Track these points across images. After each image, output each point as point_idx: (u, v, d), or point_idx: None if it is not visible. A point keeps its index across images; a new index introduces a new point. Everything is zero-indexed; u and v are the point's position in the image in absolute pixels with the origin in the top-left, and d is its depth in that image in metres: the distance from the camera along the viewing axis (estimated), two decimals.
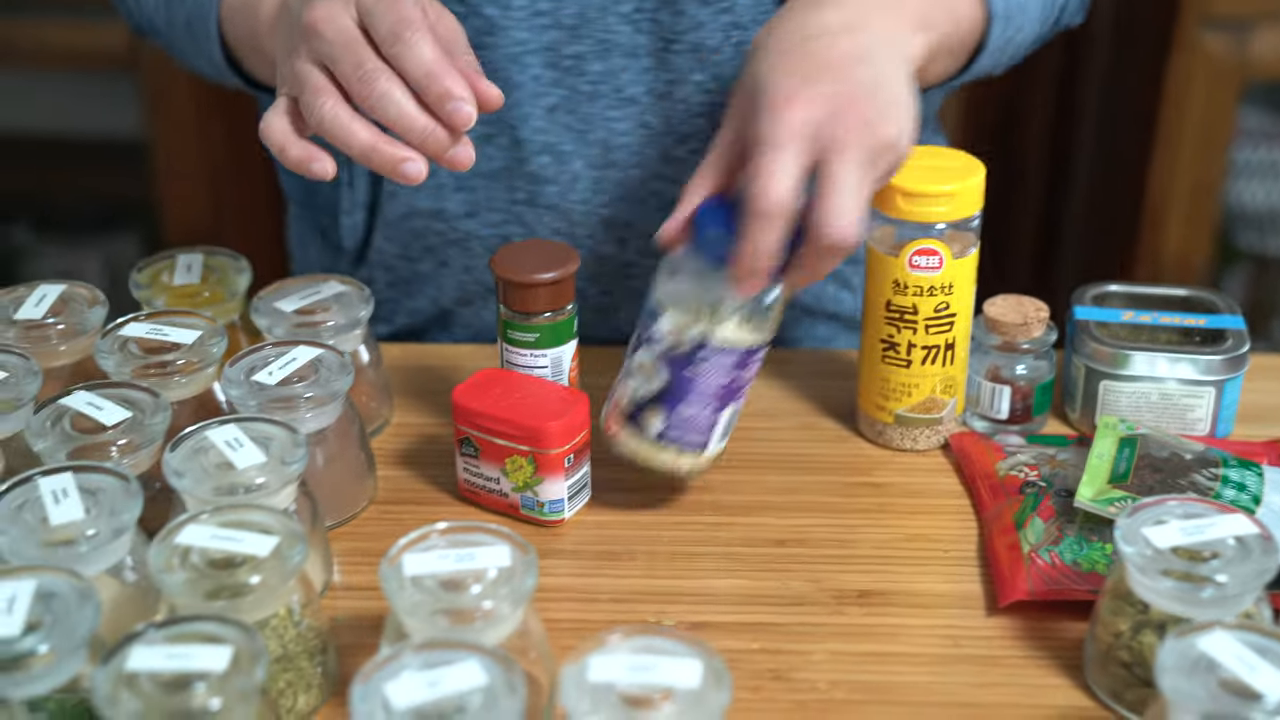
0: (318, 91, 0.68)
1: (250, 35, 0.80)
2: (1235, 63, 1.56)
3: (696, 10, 0.82)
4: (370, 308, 0.79)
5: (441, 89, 0.67)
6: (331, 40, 0.68)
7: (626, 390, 0.73)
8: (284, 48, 0.72)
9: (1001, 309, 0.81)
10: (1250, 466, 0.74)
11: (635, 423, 0.73)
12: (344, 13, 0.69)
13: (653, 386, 0.72)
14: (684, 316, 0.71)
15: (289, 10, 0.73)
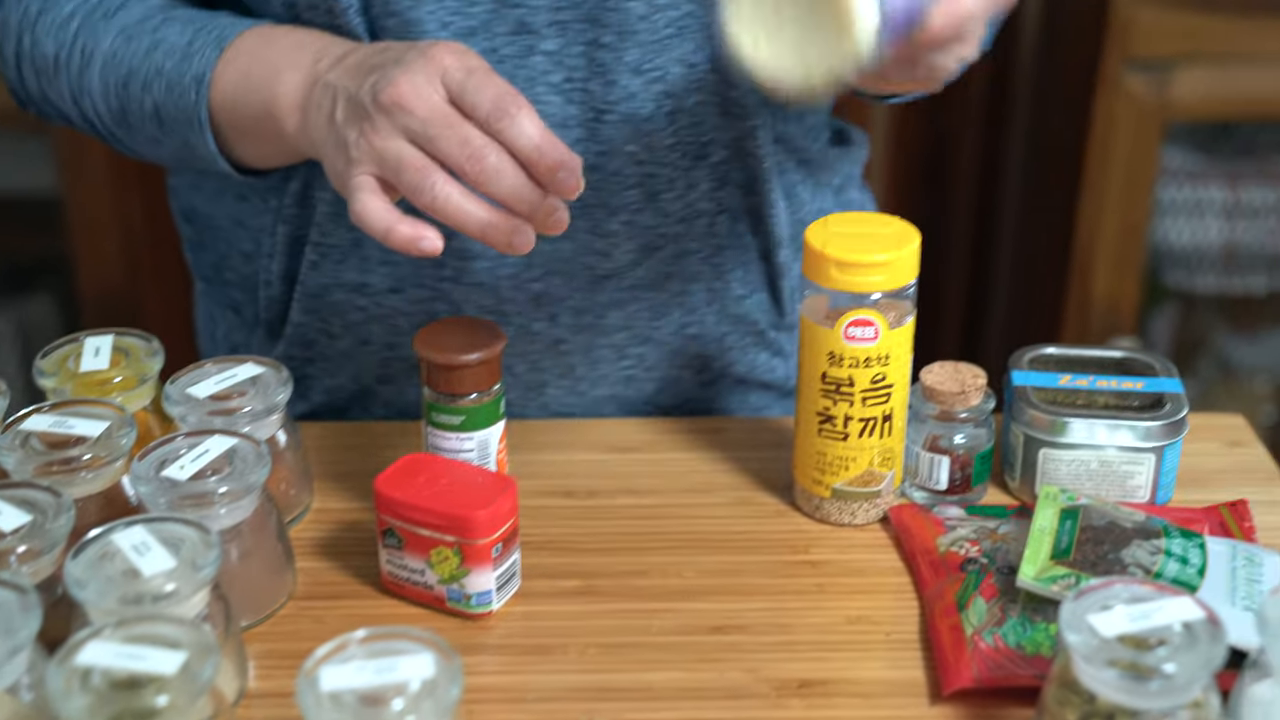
0: (424, 171, 0.68)
1: (262, 117, 0.77)
2: (1157, 104, 1.58)
3: (629, 80, 0.80)
4: (289, 390, 0.76)
5: (554, 160, 0.67)
6: (426, 117, 0.68)
7: None
8: (345, 125, 0.70)
9: (939, 377, 0.80)
10: (1192, 537, 0.73)
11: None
12: (430, 88, 0.68)
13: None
14: None
15: (335, 88, 0.72)
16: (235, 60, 0.78)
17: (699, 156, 0.84)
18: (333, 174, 0.72)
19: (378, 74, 0.70)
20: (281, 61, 0.76)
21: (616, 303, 0.87)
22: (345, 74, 0.73)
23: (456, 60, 0.70)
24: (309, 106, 0.74)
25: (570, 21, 0.79)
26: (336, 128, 0.71)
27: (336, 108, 0.72)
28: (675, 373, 0.91)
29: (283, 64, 0.76)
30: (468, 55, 0.71)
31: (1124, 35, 1.55)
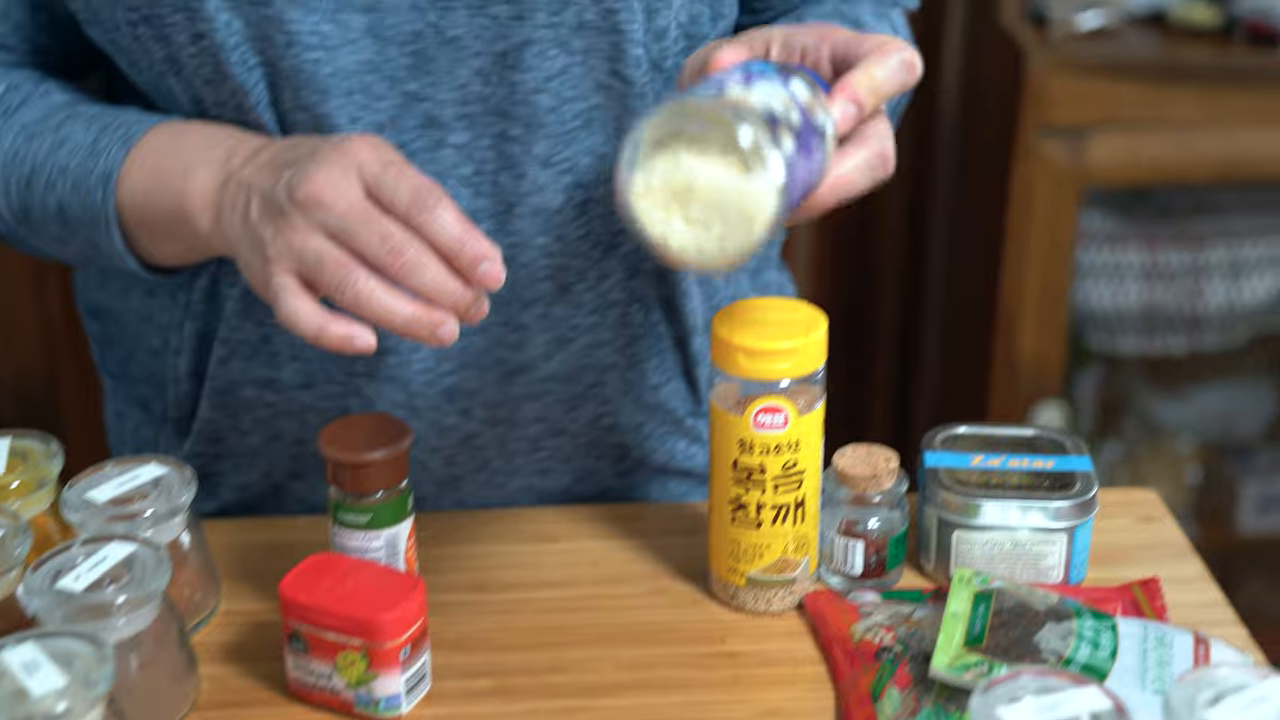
0: (346, 267, 0.67)
1: (173, 215, 0.76)
2: (1073, 170, 1.60)
3: (538, 173, 0.80)
4: (192, 491, 0.75)
5: (475, 252, 0.67)
6: (344, 213, 0.67)
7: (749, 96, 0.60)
8: (261, 223, 0.69)
9: (851, 461, 0.80)
10: (1104, 619, 0.73)
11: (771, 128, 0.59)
12: (347, 183, 0.68)
13: (790, 118, 0.61)
14: (808, 90, 0.64)
15: (249, 185, 0.71)
16: (144, 158, 0.77)
17: (611, 247, 0.84)
18: (249, 272, 0.72)
19: (292, 170, 0.70)
20: (192, 159, 0.76)
21: (530, 395, 0.86)
22: (259, 171, 0.72)
23: (372, 154, 0.69)
24: (222, 205, 0.73)
25: (478, 115, 0.79)
26: (252, 226, 0.70)
27: (251, 206, 0.71)
28: (592, 463, 0.90)
29: (194, 161, 0.76)
30: (383, 148, 0.70)
31: (1039, 104, 1.58)
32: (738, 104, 0.57)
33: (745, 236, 0.57)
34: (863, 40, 0.69)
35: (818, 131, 0.62)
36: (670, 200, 0.57)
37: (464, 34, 0.76)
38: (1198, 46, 1.58)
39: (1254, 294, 1.73)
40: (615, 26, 0.77)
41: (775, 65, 0.64)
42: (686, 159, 0.57)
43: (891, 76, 0.68)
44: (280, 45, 0.75)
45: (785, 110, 0.60)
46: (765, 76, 0.62)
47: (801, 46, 0.70)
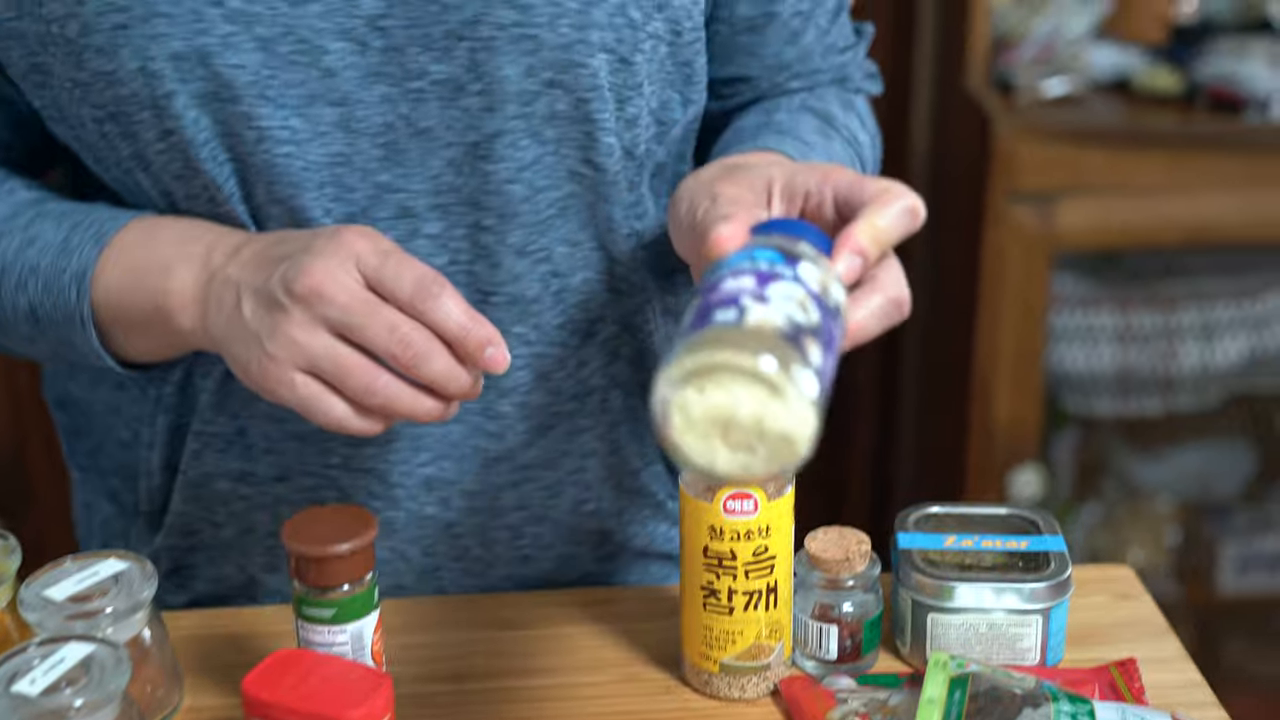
0: (370, 373, 0.68)
1: (151, 313, 0.75)
2: (1044, 234, 1.61)
3: (513, 262, 0.80)
4: (154, 586, 0.74)
5: (481, 338, 0.69)
6: (346, 305, 0.68)
7: (771, 312, 0.57)
8: (256, 319, 0.70)
9: (822, 544, 0.79)
10: (1080, 703, 0.72)
11: (796, 344, 0.57)
12: (346, 275, 0.69)
13: (809, 319, 0.58)
14: (819, 272, 0.62)
15: (238, 283, 0.71)
16: (118, 255, 0.76)
17: (588, 334, 0.84)
18: (243, 369, 0.71)
19: (286, 264, 0.70)
20: (170, 256, 0.75)
21: (510, 484, 0.85)
22: (246, 268, 0.72)
23: (369, 244, 0.70)
24: (208, 302, 0.73)
25: (451, 205, 0.78)
26: (245, 322, 0.70)
27: (243, 303, 0.71)
28: (573, 549, 0.89)
29: (172, 258, 0.75)
30: (378, 239, 0.71)
31: (1007, 170, 1.59)
32: (761, 330, 0.56)
33: (791, 454, 0.57)
34: (865, 185, 0.67)
35: (833, 311, 0.61)
36: (711, 432, 0.57)
37: (435, 125, 0.76)
38: (1161, 113, 1.60)
39: (1226, 355, 1.74)
40: (587, 116, 0.77)
41: (780, 252, 0.61)
42: (720, 394, 0.55)
43: (895, 224, 0.65)
44: (250, 141, 0.75)
45: (805, 313, 0.58)
46: (776, 275, 0.60)
47: (804, 190, 0.68)
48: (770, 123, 0.84)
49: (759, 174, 0.71)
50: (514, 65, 0.75)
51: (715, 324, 0.57)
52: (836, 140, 0.85)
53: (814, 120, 0.85)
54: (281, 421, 0.83)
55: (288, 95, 0.74)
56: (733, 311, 0.57)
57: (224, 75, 0.73)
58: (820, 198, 0.68)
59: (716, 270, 0.61)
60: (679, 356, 0.56)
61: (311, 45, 0.74)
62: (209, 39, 0.73)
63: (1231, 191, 1.59)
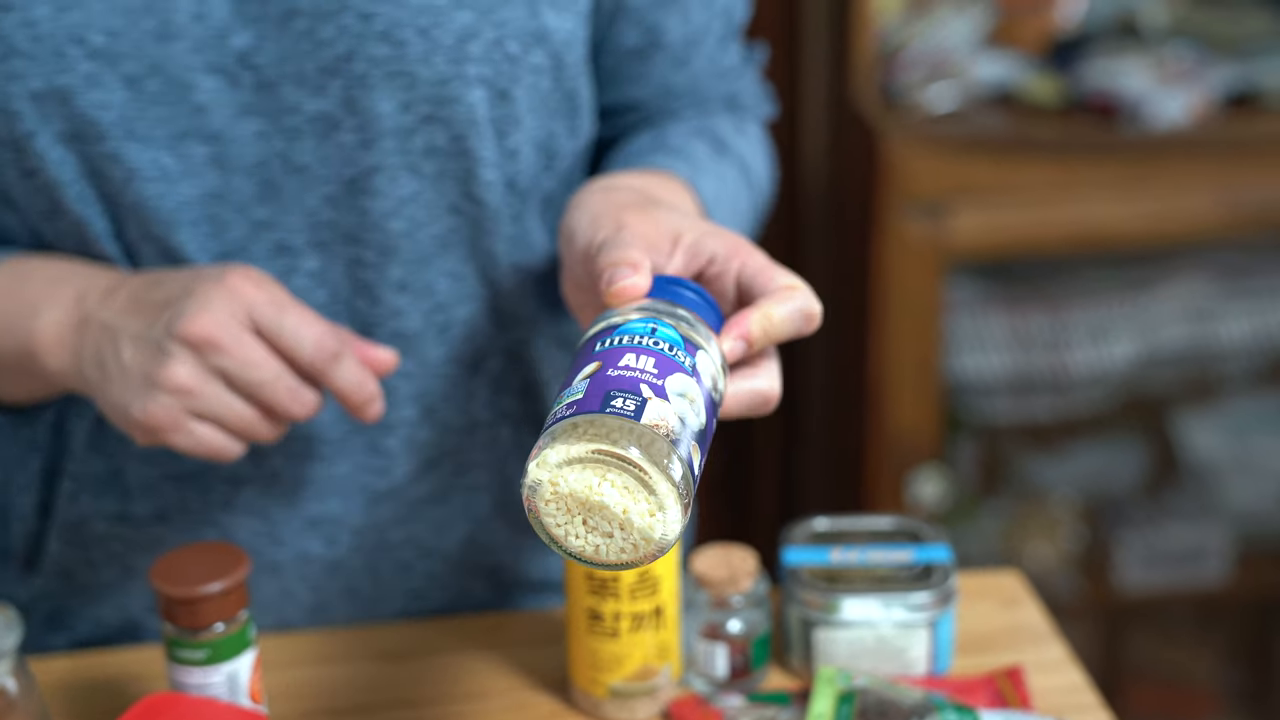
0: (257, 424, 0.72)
1: (20, 355, 0.74)
2: (935, 243, 1.63)
3: (394, 297, 0.79)
4: (17, 635, 0.71)
5: (366, 397, 0.74)
6: (245, 361, 0.70)
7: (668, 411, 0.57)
8: (136, 365, 0.70)
9: (708, 564, 0.79)
10: (966, 713, 0.73)
11: (682, 450, 0.57)
12: (238, 325, 0.69)
13: (697, 421, 0.59)
14: (712, 364, 0.61)
15: (114, 330, 0.71)
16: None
17: (474, 368, 0.82)
18: (119, 414, 0.71)
19: (170, 311, 0.69)
20: (38, 298, 0.74)
21: (398, 520, 0.84)
22: (123, 313, 0.71)
23: (261, 294, 0.70)
24: (81, 347, 0.72)
25: (330, 242, 0.77)
26: (125, 367, 0.70)
27: (121, 349, 0.70)
28: (466, 584, 0.87)
29: (40, 300, 0.74)
30: (268, 285, 0.71)
31: (897, 181, 1.60)
32: (654, 433, 0.56)
33: (646, 552, 0.57)
34: (772, 276, 0.65)
35: (716, 406, 0.61)
36: (575, 510, 0.57)
37: (311, 161, 0.75)
38: (1045, 121, 1.63)
39: (1116, 356, 1.77)
40: (465, 150, 0.76)
41: (683, 336, 0.61)
42: (597, 480, 0.56)
43: (788, 321, 0.64)
44: (118, 180, 0.73)
45: (694, 414, 0.58)
46: (676, 366, 0.59)
47: (710, 254, 0.66)
48: (662, 144, 0.83)
49: (668, 221, 0.68)
50: (389, 101, 0.74)
51: (611, 411, 0.56)
52: (728, 163, 0.84)
53: (705, 143, 0.84)
54: (158, 462, 0.81)
55: (156, 133, 0.73)
56: (631, 401, 0.56)
57: (88, 114, 0.72)
58: (724, 268, 0.66)
59: (616, 330, 0.61)
60: (567, 435, 0.56)
61: (180, 82, 0.72)
62: (70, 77, 0.71)
63: (1114, 195, 1.62)
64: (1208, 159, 1.61)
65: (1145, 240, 1.67)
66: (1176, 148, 1.60)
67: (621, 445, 0.55)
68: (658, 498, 0.56)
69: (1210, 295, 1.75)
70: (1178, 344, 1.76)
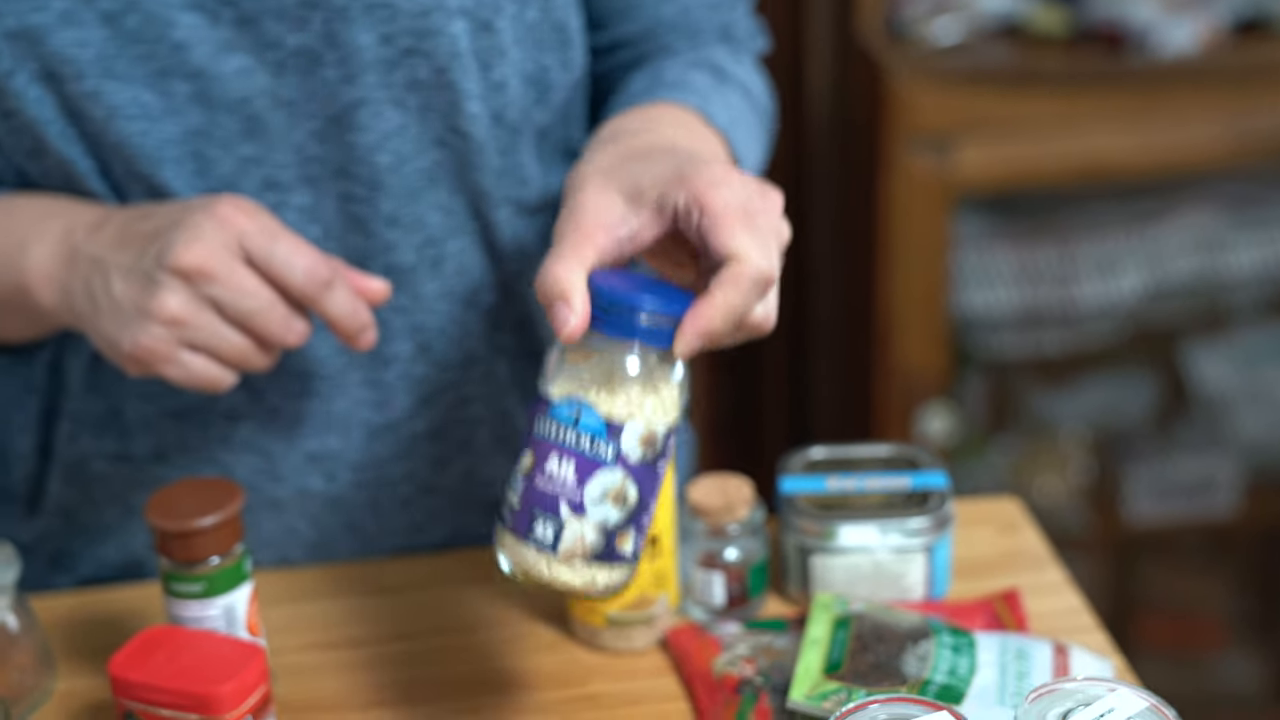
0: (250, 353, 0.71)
1: (9, 291, 0.74)
2: (941, 177, 1.62)
3: (385, 231, 0.78)
4: (16, 571, 0.72)
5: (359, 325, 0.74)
6: (237, 289, 0.69)
7: (586, 527, 0.61)
8: (128, 297, 0.70)
9: (704, 492, 0.79)
10: (961, 636, 0.73)
11: (602, 557, 0.62)
12: (229, 255, 0.69)
13: (626, 507, 0.62)
14: (649, 419, 0.62)
15: (103, 262, 0.70)
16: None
17: (468, 302, 0.82)
18: (110, 346, 0.71)
19: (160, 242, 0.69)
20: (26, 233, 0.74)
21: (397, 455, 0.84)
22: (111, 245, 0.71)
23: (251, 223, 0.70)
24: (70, 281, 0.72)
25: (319, 177, 0.77)
26: (116, 300, 0.70)
27: (111, 281, 0.70)
28: (466, 518, 0.88)
29: (28, 236, 0.73)
30: (258, 214, 0.70)
31: (903, 115, 1.59)
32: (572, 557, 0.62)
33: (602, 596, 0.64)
34: (719, 240, 0.62)
35: (656, 458, 0.63)
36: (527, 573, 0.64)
37: (296, 97, 0.75)
38: (1051, 53, 1.61)
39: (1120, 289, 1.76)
40: (448, 83, 0.76)
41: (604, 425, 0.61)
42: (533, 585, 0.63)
43: (745, 299, 0.61)
44: (99, 118, 0.73)
45: (621, 505, 0.63)
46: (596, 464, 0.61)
47: (673, 208, 0.63)
48: (660, 81, 0.82)
49: (631, 179, 0.65)
50: (369, 34, 0.73)
51: (533, 540, 0.62)
52: (731, 90, 0.83)
53: (704, 74, 0.83)
54: (157, 400, 0.81)
55: (136, 71, 0.72)
56: (550, 527, 0.62)
57: (64, 53, 0.71)
58: (686, 222, 0.63)
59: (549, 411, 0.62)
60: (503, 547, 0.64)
61: (159, 19, 0.72)
62: (44, 15, 0.71)
63: (1121, 126, 1.60)
64: (1216, 87, 1.59)
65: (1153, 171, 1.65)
66: (1184, 76, 1.58)
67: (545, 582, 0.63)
68: (594, 595, 0.63)
69: (1219, 226, 1.73)
70: (1186, 275, 1.74)
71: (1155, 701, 0.60)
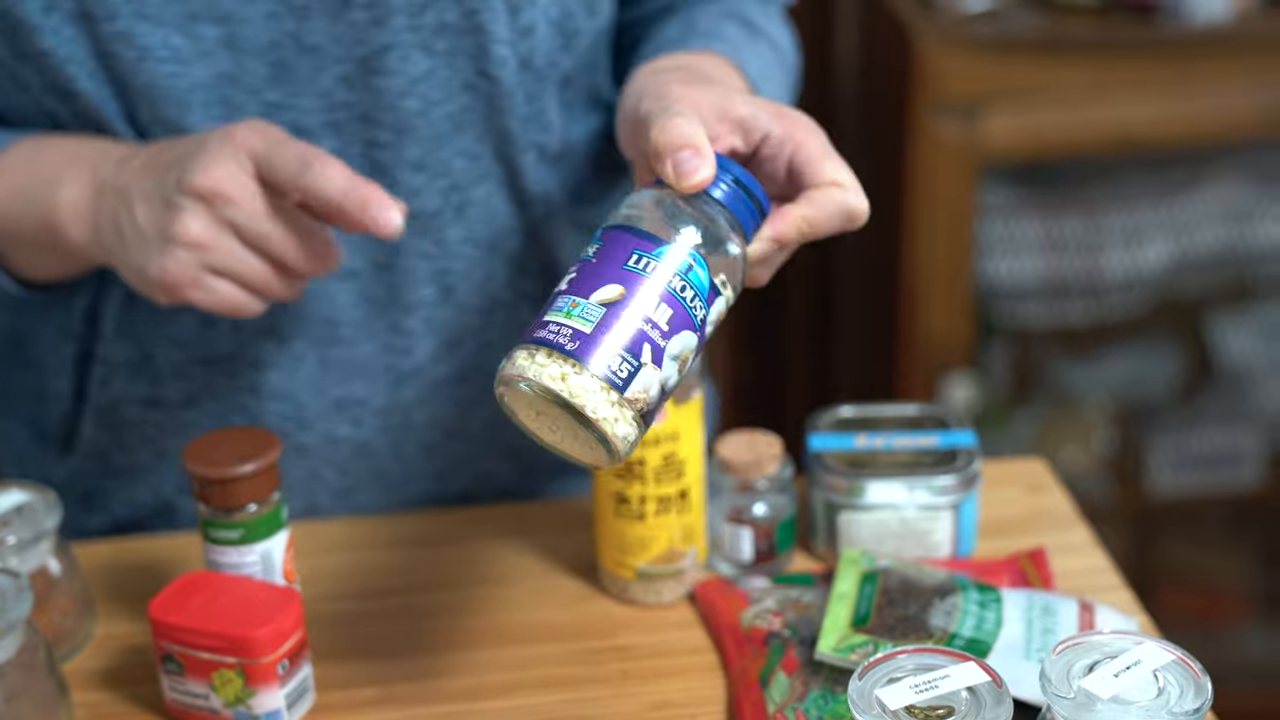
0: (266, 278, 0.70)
1: (41, 230, 0.75)
2: (968, 145, 1.61)
3: (411, 177, 0.79)
4: (58, 516, 0.73)
5: (361, 198, 0.68)
6: (254, 211, 0.69)
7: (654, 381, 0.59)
8: (151, 221, 0.70)
9: (733, 448, 0.79)
10: (988, 591, 0.73)
11: (649, 416, 0.60)
12: (241, 172, 0.69)
13: (682, 372, 0.61)
14: (728, 299, 0.62)
15: (127, 190, 0.71)
16: (5, 175, 0.75)
17: (492, 247, 0.83)
18: (136, 274, 0.71)
19: (179, 168, 0.69)
20: (57, 172, 0.74)
21: (422, 400, 0.85)
22: (136, 175, 0.71)
23: (258, 137, 0.69)
24: (99, 214, 0.72)
25: (344, 122, 0.77)
26: (140, 227, 0.70)
27: (135, 207, 0.70)
28: (490, 465, 0.89)
29: (59, 174, 0.74)
30: (268, 130, 0.70)
31: (931, 82, 1.59)
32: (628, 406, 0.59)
33: (596, 463, 0.61)
34: (821, 169, 0.65)
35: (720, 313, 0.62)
36: (541, 421, 0.61)
37: (324, 41, 0.75)
38: (1081, 20, 1.60)
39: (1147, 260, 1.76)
40: (477, 26, 0.76)
41: (709, 285, 0.61)
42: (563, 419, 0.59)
43: (828, 222, 0.65)
44: (130, 60, 0.73)
45: (681, 369, 0.60)
46: (686, 322, 0.60)
47: (764, 133, 0.66)
48: (692, 30, 0.82)
49: (717, 95, 0.67)
50: None
51: (599, 373, 0.57)
52: (762, 43, 0.84)
53: (736, 26, 0.84)
54: (187, 346, 0.82)
55: (167, 13, 0.73)
56: (627, 367, 0.58)
57: None
58: (777, 150, 0.66)
59: (657, 252, 0.60)
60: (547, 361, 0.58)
61: None
62: None
63: (1151, 95, 1.59)
64: (1247, 57, 1.58)
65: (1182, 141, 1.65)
66: (1216, 45, 1.57)
67: (590, 410, 0.58)
68: (603, 447, 0.59)
69: (1247, 196, 1.73)
70: (1213, 246, 1.74)
71: (1182, 654, 0.60)
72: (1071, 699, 0.58)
